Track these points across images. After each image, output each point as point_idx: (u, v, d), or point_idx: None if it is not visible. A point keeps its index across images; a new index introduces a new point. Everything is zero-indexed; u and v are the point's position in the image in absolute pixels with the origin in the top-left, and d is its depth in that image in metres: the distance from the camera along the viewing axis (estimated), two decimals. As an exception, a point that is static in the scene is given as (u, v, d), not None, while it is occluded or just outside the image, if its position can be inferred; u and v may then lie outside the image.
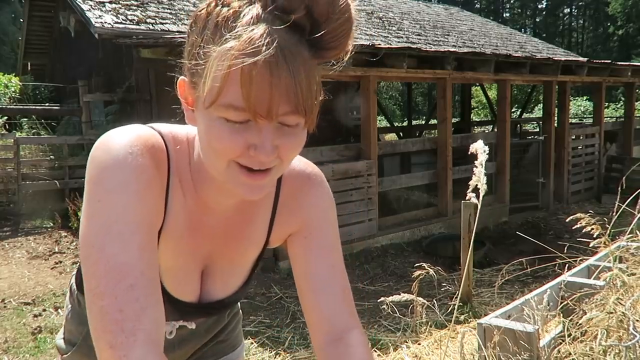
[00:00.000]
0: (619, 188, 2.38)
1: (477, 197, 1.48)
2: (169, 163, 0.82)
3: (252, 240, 0.97)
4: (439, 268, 2.18)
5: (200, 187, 0.86)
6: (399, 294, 1.93)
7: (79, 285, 1.07)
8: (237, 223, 0.93)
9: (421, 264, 2.17)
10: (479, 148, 1.52)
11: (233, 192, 0.79)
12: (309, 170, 0.97)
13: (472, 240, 2.71)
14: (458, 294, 2.36)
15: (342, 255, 0.97)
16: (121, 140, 0.76)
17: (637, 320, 1.62)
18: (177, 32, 7.60)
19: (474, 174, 1.49)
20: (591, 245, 2.07)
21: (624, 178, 2.71)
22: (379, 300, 2.17)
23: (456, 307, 2.06)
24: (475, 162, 1.52)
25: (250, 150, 0.71)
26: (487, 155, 1.52)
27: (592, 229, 2.02)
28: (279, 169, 0.77)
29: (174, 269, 0.92)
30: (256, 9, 0.68)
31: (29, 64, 12.05)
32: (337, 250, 0.95)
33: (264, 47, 0.65)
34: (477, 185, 1.55)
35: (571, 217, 2.10)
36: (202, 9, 0.73)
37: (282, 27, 0.67)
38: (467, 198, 1.50)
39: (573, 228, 2.16)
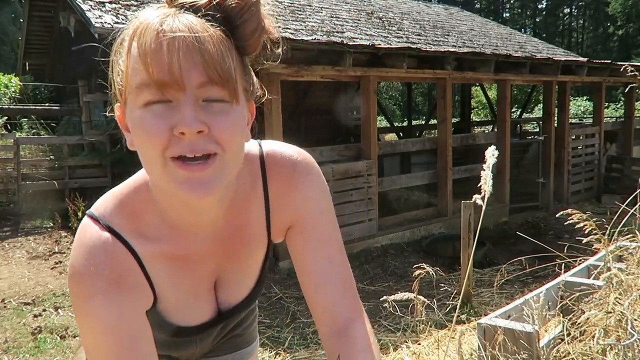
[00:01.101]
0: (627, 188, 2.38)
1: (483, 198, 1.48)
2: (130, 246, 0.82)
3: (254, 243, 0.96)
4: (438, 268, 2.18)
5: (173, 215, 0.84)
6: (400, 293, 1.93)
7: None
8: (231, 234, 0.91)
9: (421, 264, 2.17)
10: (490, 153, 1.53)
11: (195, 204, 0.80)
12: (294, 158, 0.92)
13: (473, 240, 2.71)
14: (459, 294, 2.36)
15: (341, 244, 0.95)
16: (84, 268, 0.79)
17: (636, 320, 1.62)
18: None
19: (482, 177, 1.50)
20: (584, 242, 2.07)
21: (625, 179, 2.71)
22: (380, 300, 2.17)
23: (457, 307, 2.06)
24: (483, 165, 1.52)
25: (175, 129, 0.69)
26: (496, 159, 1.53)
27: (585, 225, 2.03)
28: (223, 158, 0.73)
29: (183, 306, 0.94)
30: (155, 7, 0.72)
31: (28, 63, 12.04)
32: (334, 241, 0.94)
33: (162, 21, 0.68)
34: (479, 186, 1.56)
35: (561, 213, 2.10)
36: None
37: (187, 12, 0.70)
38: (473, 199, 1.50)
39: (565, 223, 2.16)
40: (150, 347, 0.80)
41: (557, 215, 2.32)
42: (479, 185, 1.51)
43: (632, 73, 2.80)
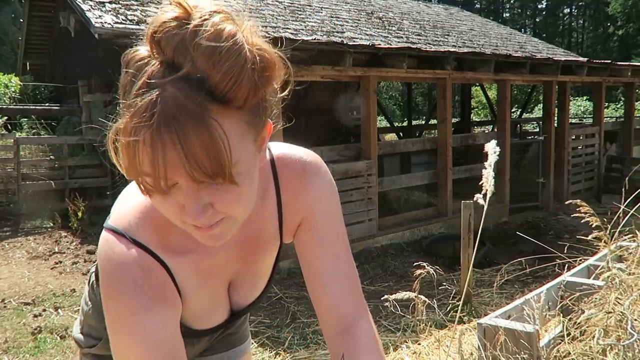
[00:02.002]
0: (624, 187, 2.38)
1: (485, 198, 1.47)
2: (160, 259, 0.82)
3: (268, 245, 0.97)
4: (438, 268, 2.18)
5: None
6: (402, 292, 1.93)
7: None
8: (247, 239, 0.93)
9: (420, 263, 2.17)
10: (490, 149, 1.51)
11: None
12: (304, 159, 0.94)
13: (475, 240, 2.71)
14: (459, 294, 2.36)
15: (347, 244, 0.97)
16: (122, 286, 0.79)
17: (636, 320, 1.62)
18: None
19: (483, 175, 1.49)
20: (590, 237, 2.07)
21: (626, 179, 2.71)
22: (380, 299, 2.17)
23: (457, 307, 2.06)
24: (485, 163, 1.51)
25: (182, 214, 0.70)
26: (498, 157, 1.52)
27: (590, 221, 2.03)
28: (231, 219, 0.74)
29: (202, 312, 0.96)
30: (150, 69, 0.65)
31: (27, 63, 12.04)
32: (341, 240, 0.95)
33: (151, 113, 0.62)
34: (482, 184, 1.55)
35: (569, 202, 2.10)
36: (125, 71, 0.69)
37: (174, 85, 0.63)
38: (474, 199, 1.50)
39: (572, 216, 2.16)
40: (184, 355, 0.82)
41: (566, 203, 2.30)
42: (480, 184, 1.51)
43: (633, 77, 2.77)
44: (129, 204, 0.85)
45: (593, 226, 2.05)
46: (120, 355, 0.81)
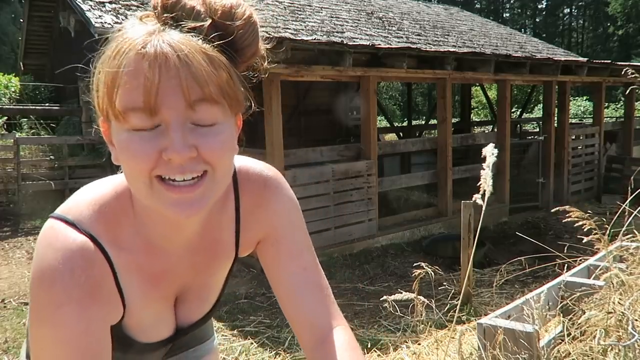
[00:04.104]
0: (628, 188, 2.38)
1: (483, 198, 1.48)
2: (107, 254, 0.78)
3: (223, 257, 0.95)
4: (437, 267, 2.18)
5: (150, 230, 0.82)
6: (401, 293, 1.93)
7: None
8: (203, 249, 0.90)
9: (419, 263, 2.17)
10: (489, 151, 1.52)
11: (177, 221, 0.78)
12: (265, 173, 0.94)
13: (474, 240, 2.71)
14: (459, 294, 2.36)
15: (314, 254, 0.95)
16: (58, 273, 0.73)
17: (636, 320, 1.62)
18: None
19: (482, 176, 1.49)
20: (584, 241, 2.07)
21: (631, 179, 2.70)
22: (380, 299, 2.17)
23: (457, 307, 2.06)
24: (483, 164, 1.52)
25: (163, 154, 0.67)
26: (496, 158, 1.52)
27: (584, 223, 2.03)
28: (213, 178, 0.71)
29: (147, 322, 0.90)
30: (145, 24, 0.69)
31: (26, 63, 12.04)
32: (307, 250, 0.94)
33: (145, 40, 0.65)
34: (479, 185, 1.55)
35: (557, 208, 2.10)
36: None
37: (174, 30, 0.67)
38: (472, 199, 1.50)
39: (563, 221, 2.16)
40: None
41: (552, 211, 2.32)
42: (478, 185, 1.51)
43: (633, 75, 2.77)
44: (84, 196, 0.82)
45: (585, 229, 2.05)
46: (37, 350, 0.75)
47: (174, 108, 0.65)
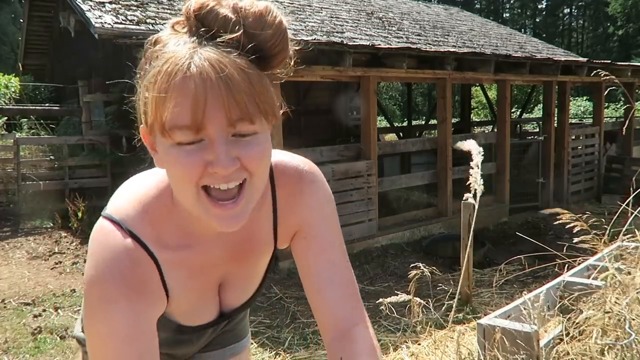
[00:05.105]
0: (630, 188, 2.38)
1: (475, 197, 1.48)
2: (151, 253, 0.84)
3: (261, 249, 0.99)
4: (434, 268, 2.18)
5: (191, 226, 0.87)
6: (398, 294, 1.93)
7: None
8: (241, 241, 0.95)
9: (417, 264, 2.17)
10: (473, 149, 1.51)
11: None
12: (301, 167, 0.97)
13: (470, 240, 2.71)
14: (459, 294, 2.36)
15: (344, 250, 0.98)
16: (108, 272, 0.79)
17: (633, 320, 1.62)
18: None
19: (470, 175, 1.49)
20: (579, 241, 2.07)
21: (632, 179, 2.70)
22: (378, 302, 2.17)
23: (455, 307, 2.06)
24: (471, 163, 1.52)
25: (209, 167, 0.72)
26: (483, 156, 1.52)
27: (575, 225, 2.03)
28: (252, 184, 0.76)
29: (190, 309, 0.97)
30: (180, 35, 0.73)
31: (26, 63, 12.03)
32: (337, 246, 0.97)
33: (189, 62, 0.69)
34: (470, 185, 1.55)
35: (549, 211, 2.10)
36: (141, 58, 0.77)
37: (211, 45, 0.70)
38: (464, 198, 1.50)
39: (555, 223, 2.16)
40: (155, 356, 0.81)
41: (545, 212, 2.33)
42: (467, 184, 1.51)
43: (605, 76, 2.69)
44: (129, 196, 0.87)
45: (575, 231, 2.05)
46: (92, 342, 0.81)
47: (218, 124, 0.70)
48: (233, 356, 1.26)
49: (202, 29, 0.72)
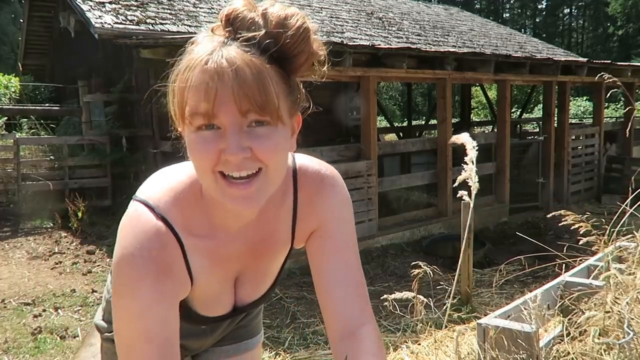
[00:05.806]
0: (629, 188, 2.38)
1: (469, 195, 1.47)
2: (179, 239, 0.89)
3: (279, 247, 1.03)
4: (435, 267, 2.18)
5: (215, 216, 0.92)
6: (399, 292, 1.93)
7: None
8: (261, 238, 0.99)
9: (417, 263, 2.17)
10: (467, 142, 1.50)
11: (237, 210, 0.86)
12: (323, 171, 1.02)
13: (469, 239, 2.71)
14: (458, 294, 2.36)
15: (357, 252, 1.01)
16: (138, 252, 0.85)
17: (633, 319, 1.62)
18: (177, 32, 7.61)
19: (464, 171, 1.48)
20: (582, 242, 2.07)
21: (632, 179, 2.70)
22: (380, 299, 2.17)
23: (456, 307, 2.06)
24: (465, 158, 1.50)
25: (222, 154, 0.77)
26: (477, 151, 1.51)
27: (580, 226, 2.03)
28: (266, 174, 0.81)
29: (209, 298, 1.01)
30: (212, 36, 0.80)
31: (25, 64, 12.03)
32: (351, 247, 1.00)
33: (208, 57, 0.76)
34: (468, 183, 1.54)
35: (552, 214, 2.10)
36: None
37: (234, 44, 0.77)
38: (458, 196, 1.50)
39: (560, 224, 2.16)
40: (176, 336, 0.86)
41: (548, 216, 2.33)
42: (460, 181, 1.50)
43: (610, 79, 2.68)
44: (162, 184, 0.93)
45: (582, 232, 2.05)
46: (118, 318, 0.87)
47: (230, 114, 0.76)
48: (246, 351, 1.31)
49: (229, 30, 0.78)
